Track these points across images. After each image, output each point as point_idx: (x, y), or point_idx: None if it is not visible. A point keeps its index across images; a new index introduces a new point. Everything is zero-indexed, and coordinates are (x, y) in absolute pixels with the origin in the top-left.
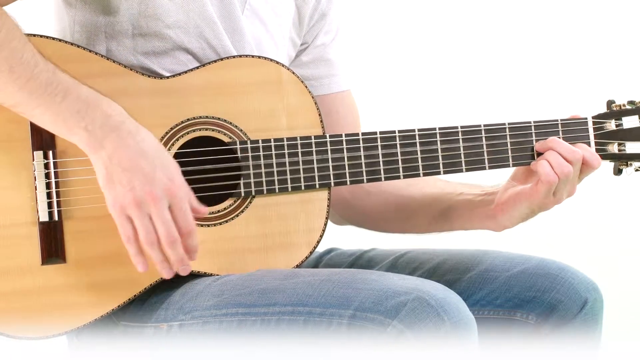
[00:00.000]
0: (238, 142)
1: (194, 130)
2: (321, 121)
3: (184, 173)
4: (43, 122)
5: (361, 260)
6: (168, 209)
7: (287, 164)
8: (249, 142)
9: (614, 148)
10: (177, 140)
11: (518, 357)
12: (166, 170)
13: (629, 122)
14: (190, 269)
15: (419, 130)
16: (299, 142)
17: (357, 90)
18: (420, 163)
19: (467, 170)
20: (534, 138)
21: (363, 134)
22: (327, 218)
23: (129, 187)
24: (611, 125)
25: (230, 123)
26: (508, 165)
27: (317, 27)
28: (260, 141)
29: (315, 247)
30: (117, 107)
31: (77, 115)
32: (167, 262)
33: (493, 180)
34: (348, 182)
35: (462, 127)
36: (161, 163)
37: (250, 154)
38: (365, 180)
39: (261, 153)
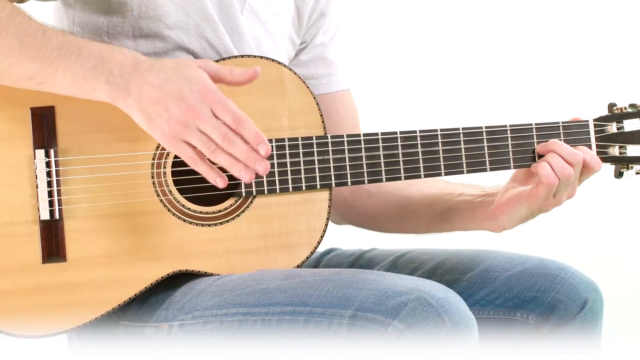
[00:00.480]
0: None
1: None
2: (323, 121)
3: (184, 173)
4: (64, 86)
5: (361, 261)
6: (212, 114)
7: (288, 164)
8: None
9: (615, 151)
10: None
11: (518, 357)
12: (191, 81)
13: (630, 125)
14: (268, 165)
15: (421, 131)
16: (300, 142)
17: (357, 90)
18: (421, 164)
19: (468, 171)
20: (535, 140)
21: (364, 134)
22: (327, 218)
23: (168, 115)
24: (612, 128)
25: None
26: (509, 167)
27: (316, 27)
28: None
29: (315, 248)
30: (130, 52)
31: (94, 70)
32: (240, 163)
33: (493, 181)
34: (349, 183)
35: (463, 128)
36: (184, 77)
37: None
38: (366, 181)
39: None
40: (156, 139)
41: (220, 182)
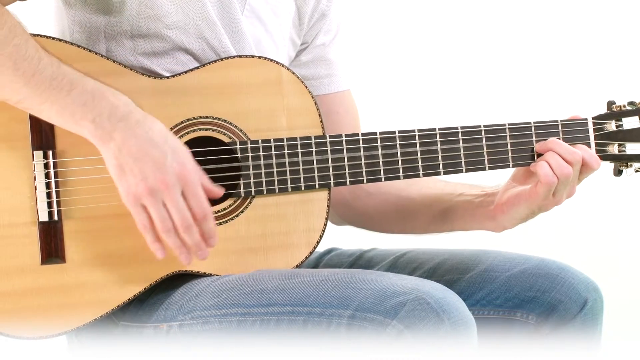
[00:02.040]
0: (238, 142)
1: (193, 131)
2: (321, 121)
3: None
4: (50, 116)
5: (361, 260)
6: (181, 195)
7: (287, 164)
8: (248, 142)
9: (614, 149)
10: None
11: (518, 357)
12: (176, 156)
13: (629, 123)
14: (207, 254)
15: (419, 130)
16: (298, 142)
17: (357, 90)
18: (420, 164)
19: (467, 170)
20: (534, 139)
21: (363, 134)
22: (327, 218)
23: (141, 177)
24: (611, 126)
25: (230, 123)
26: (508, 166)
27: (317, 27)
28: (260, 141)
29: (315, 248)
30: (123, 97)
31: (83, 107)
32: (184, 248)
33: (493, 180)
34: (348, 183)
35: (462, 127)
36: (171, 149)
37: (250, 154)
38: (365, 181)
39: (261, 153)
40: (119, 190)
41: (160, 254)
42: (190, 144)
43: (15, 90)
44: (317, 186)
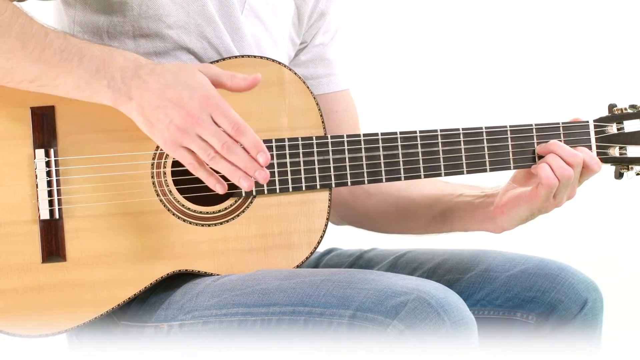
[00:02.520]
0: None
1: None
2: (323, 122)
3: (184, 173)
4: (66, 89)
5: (361, 261)
6: (212, 121)
7: (288, 164)
8: None
9: (615, 152)
10: None
11: (518, 357)
12: (192, 87)
13: (631, 125)
14: (267, 175)
15: (421, 131)
16: (300, 142)
17: (357, 90)
18: (421, 165)
19: (468, 172)
20: (535, 141)
21: (364, 134)
22: (327, 219)
23: (168, 121)
24: (612, 128)
25: None
26: (509, 168)
27: (316, 27)
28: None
29: (315, 248)
30: (131, 55)
31: (96, 74)
32: (239, 171)
33: (493, 182)
34: (349, 183)
35: (463, 129)
36: (185, 83)
37: None
38: (366, 181)
39: None
40: (157, 143)
41: (219, 188)
42: None
43: (27, 68)
44: (318, 186)
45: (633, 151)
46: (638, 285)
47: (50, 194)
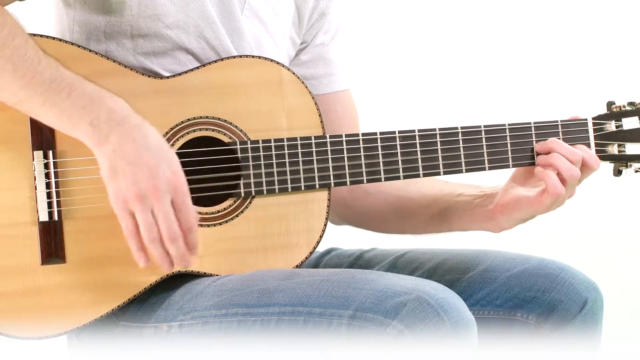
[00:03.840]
0: (238, 143)
1: (194, 131)
2: (321, 121)
3: (185, 173)
4: (48, 119)
5: (361, 260)
6: (170, 204)
7: (287, 164)
8: (249, 142)
9: (614, 149)
10: (177, 140)
11: (518, 357)
12: (170, 164)
13: (629, 123)
14: (190, 265)
15: (419, 131)
16: (299, 142)
17: (357, 90)
18: (420, 164)
19: (467, 171)
20: (534, 139)
21: (363, 134)
22: (327, 218)
23: (133, 181)
24: (611, 126)
25: (231, 123)
26: (508, 166)
27: (317, 27)
28: (260, 141)
29: (315, 248)
30: (121, 102)
31: (82, 111)
32: (169, 258)
33: (492, 180)
34: (348, 183)
35: (462, 127)
36: (165, 157)
37: (250, 154)
38: (365, 181)
39: (261, 153)
40: (109, 192)
41: (143, 262)
42: (190, 144)
43: (14, 92)
44: (317, 186)
45: (632, 148)
46: (638, 285)
47: (49, 195)
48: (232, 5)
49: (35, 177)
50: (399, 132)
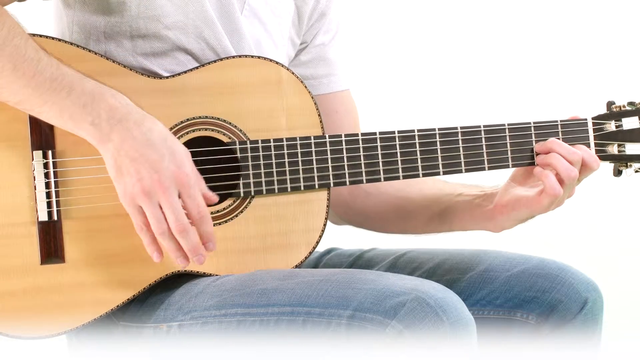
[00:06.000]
0: (237, 142)
1: (193, 131)
2: (321, 121)
3: None
4: (49, 118)
5: (361, 260)
6: (178, 197)
7: (287, 164)
8: (248, 142)
9: (613, 149)
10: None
11: (518, 357)
12: (174, 157)
13: (629, 123)
14: (205, 259)
15: (419, 130)
16: (298, 142)
17: (357, 90)
18: (419, 164)
19: (467, 171)
20: (533, 139)
21: (362, 134)
22: (326, 218)
23: (137, 177)
24: (611, 126)
25: (230, 123)
26: (507, 166)
27: (317, 27)
28: (259, 141)
29: (314, 248)
30: (122, 98)
31: (83, 109)
32: (181, 251)
33: (492, 180)
34: (347, 183)
35: (461, 127)
36: (169, 151)
37: (249, 154)
38: (364, 181)
39: (260, 153)
40: (117, 190)
41: (156, 257)
42: (189, 144)
43: (15, 91)
44: (316, 186)
45: (632, 148)
46: (638, 285)
47: (48, 195)
48: (231, 5)
49: (34, 177)
50: (399, 132)
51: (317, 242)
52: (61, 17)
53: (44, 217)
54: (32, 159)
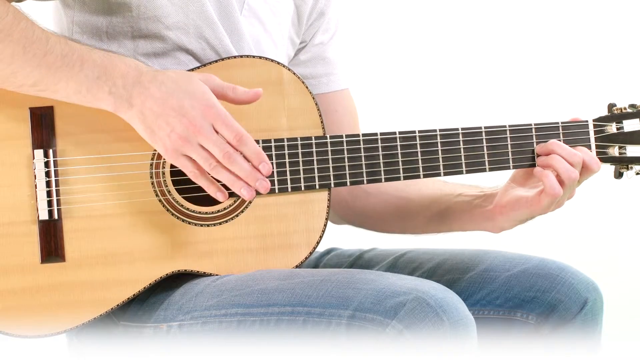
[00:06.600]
0: None
1: None
2: (322, 122)
3: (183, 174)
4: (67, 94)
5: (361, 260)
6: (214, 131)
7: (287, 164)
8: None
9: (614, 151)
10: None
11: (518, 357)
12: (193, 96)
13: (630, 125)
14: (268, 185)
15: (420, 131)
16: (299, 142)
17: (357, 90)
18: (420, 165)
19: (468, 172)
20: (534, 140)
21: (363, 134)
22: (327, 219)
23: (169, 129)
24: (612, 128)
25: None
26: (508, 168)
27: (316, 26)
28: (260, 141)
29: (314, 248)
30: (132, 62)
31: (98, 81)
32: (240, 180)
33: (492, 181)
34: (348, 183)
35: (462, 129)
36: (186, 92)
37: None
38: (365, 181)
39: None
40: (159, 151)
41: (220, 196)
42: None
43: (28, 74)
44: (317, 186)
45: (633, 151)
46: (638, 285)
47: (49, 194)
48: (230, 5)
49: (35, 176)
50: (400, 132)
51: (318, 243)
52: (61, 18)
53: (44, 216)
54: (33, 158)
